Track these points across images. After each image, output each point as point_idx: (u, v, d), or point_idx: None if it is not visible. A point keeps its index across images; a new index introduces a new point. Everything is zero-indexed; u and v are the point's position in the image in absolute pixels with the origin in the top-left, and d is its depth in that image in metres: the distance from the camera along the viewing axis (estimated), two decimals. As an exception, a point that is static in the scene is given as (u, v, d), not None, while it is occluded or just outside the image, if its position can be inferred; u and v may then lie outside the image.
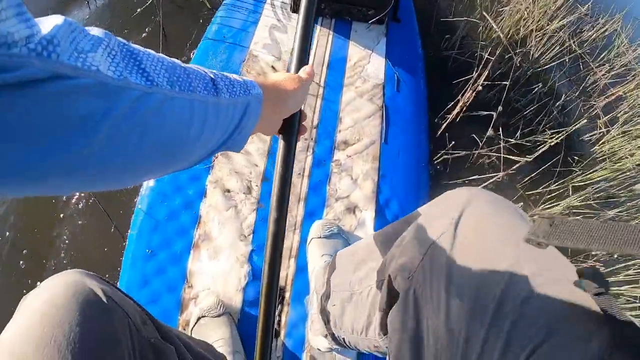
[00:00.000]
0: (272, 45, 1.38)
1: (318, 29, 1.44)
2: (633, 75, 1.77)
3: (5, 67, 0.20)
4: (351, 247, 0.79)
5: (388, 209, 1.15)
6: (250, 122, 0.42)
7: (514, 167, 1.33)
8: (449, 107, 1.45)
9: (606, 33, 1.88)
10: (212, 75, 0.37)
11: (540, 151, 1.35)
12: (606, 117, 1.64)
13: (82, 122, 0.24)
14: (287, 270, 1.03)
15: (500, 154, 1.40)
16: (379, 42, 1.47)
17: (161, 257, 1.04)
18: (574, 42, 1.78)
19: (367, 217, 1.11)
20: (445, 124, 1.41)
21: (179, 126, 0.32)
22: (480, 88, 1.42)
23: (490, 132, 1.40)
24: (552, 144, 1.40)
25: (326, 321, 0.76)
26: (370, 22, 1.47)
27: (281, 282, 1.01)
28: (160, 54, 0.33)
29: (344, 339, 0.73)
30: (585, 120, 1.44)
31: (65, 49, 0.24)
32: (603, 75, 1.76)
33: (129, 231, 1.10)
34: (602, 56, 1.85)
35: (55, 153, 0.24)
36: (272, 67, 1.33)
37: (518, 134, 1.49)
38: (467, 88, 1.38)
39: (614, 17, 1.87)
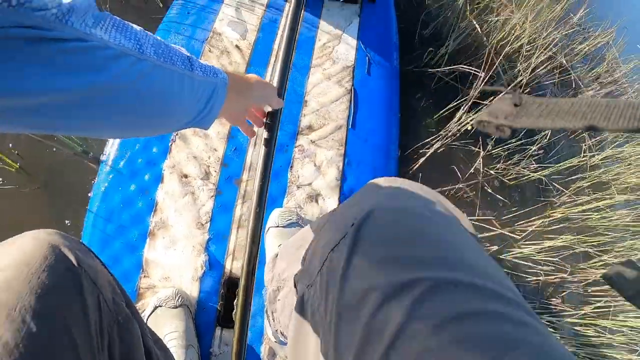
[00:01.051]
0: (237, 23, 1.31)
1: (287, 6, 1.37)
2: (621, 94, 1.72)
3: (41, 26, 0.27)
4: (297, 235, 0.73)
5: (353, 197, 1.11)
6: (218, 103, 0.48)
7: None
8: (426, 141, 1.38)
9: (598, 45, 1.80)
10: (188, 55, 0.44)
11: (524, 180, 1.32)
12: (591, 141, 1.56)
13: (91, 76, 0.31)
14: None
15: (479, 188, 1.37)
16: (352, 22, 1.40)
17: (116, 245, 1.00)
18: (564, 58, 1.68)
19: (329, 206, 1.07)
20: (422, 159, 1.32)
21: (163, 92, 0.38)
22: (469, 127, 1.34)
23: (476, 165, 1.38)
24: (533, 178, 1.37)
25: (271, 319, 0.73)
26: (343, 0, 1.40)
27: (238, 272, 0.98)
28: (148, 32, 0.40)
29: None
30: (571, 154, 1.36)
31: (77, 19, 0.30)
32: (592, 96, 1.68)
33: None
34: (593, 71, 1.79)
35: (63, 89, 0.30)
36: (237, 46, 1.26)
37: (500, 164, 1.43)
38: (450, 125, 1.32)
39: (606, 31, 1.80)
